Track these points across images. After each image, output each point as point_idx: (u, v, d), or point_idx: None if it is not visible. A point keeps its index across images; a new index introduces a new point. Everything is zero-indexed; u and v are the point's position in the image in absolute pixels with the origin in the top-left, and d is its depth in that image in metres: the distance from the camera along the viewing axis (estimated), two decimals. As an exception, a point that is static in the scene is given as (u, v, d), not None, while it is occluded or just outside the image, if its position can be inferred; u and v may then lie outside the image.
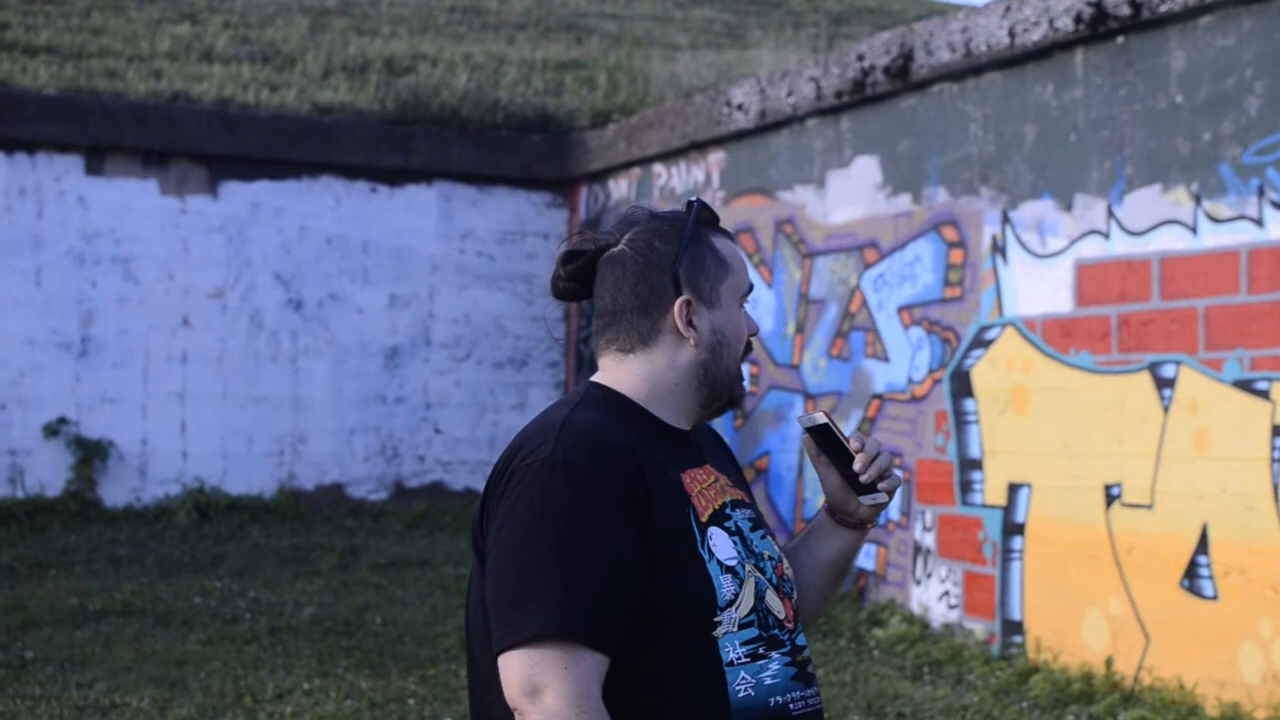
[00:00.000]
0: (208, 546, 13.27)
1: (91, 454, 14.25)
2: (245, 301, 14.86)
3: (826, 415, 3.15)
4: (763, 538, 3.08)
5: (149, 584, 11.75)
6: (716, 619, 2.89)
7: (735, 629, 2.91)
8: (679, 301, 3.04)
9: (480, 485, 15.26)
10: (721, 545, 2.95)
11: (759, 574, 2.99)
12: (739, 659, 2.90)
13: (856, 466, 3.10)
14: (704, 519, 2.96)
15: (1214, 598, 8.38)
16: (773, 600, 3.00)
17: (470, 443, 15.50)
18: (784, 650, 2.98)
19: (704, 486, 3.02)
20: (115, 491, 14.39)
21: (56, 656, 9.59)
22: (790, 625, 3.03)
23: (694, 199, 3.16)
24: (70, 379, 14.31)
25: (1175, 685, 8.50)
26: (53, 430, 14.18)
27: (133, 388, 14.51)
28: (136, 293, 14.53)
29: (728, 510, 3.02)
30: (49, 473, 14.19)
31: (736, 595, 2.92)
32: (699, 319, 3.05)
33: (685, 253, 3.06)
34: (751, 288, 3.15)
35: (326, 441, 15.11)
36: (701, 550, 2.91)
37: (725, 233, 3.15)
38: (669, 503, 2.92)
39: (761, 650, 2.94)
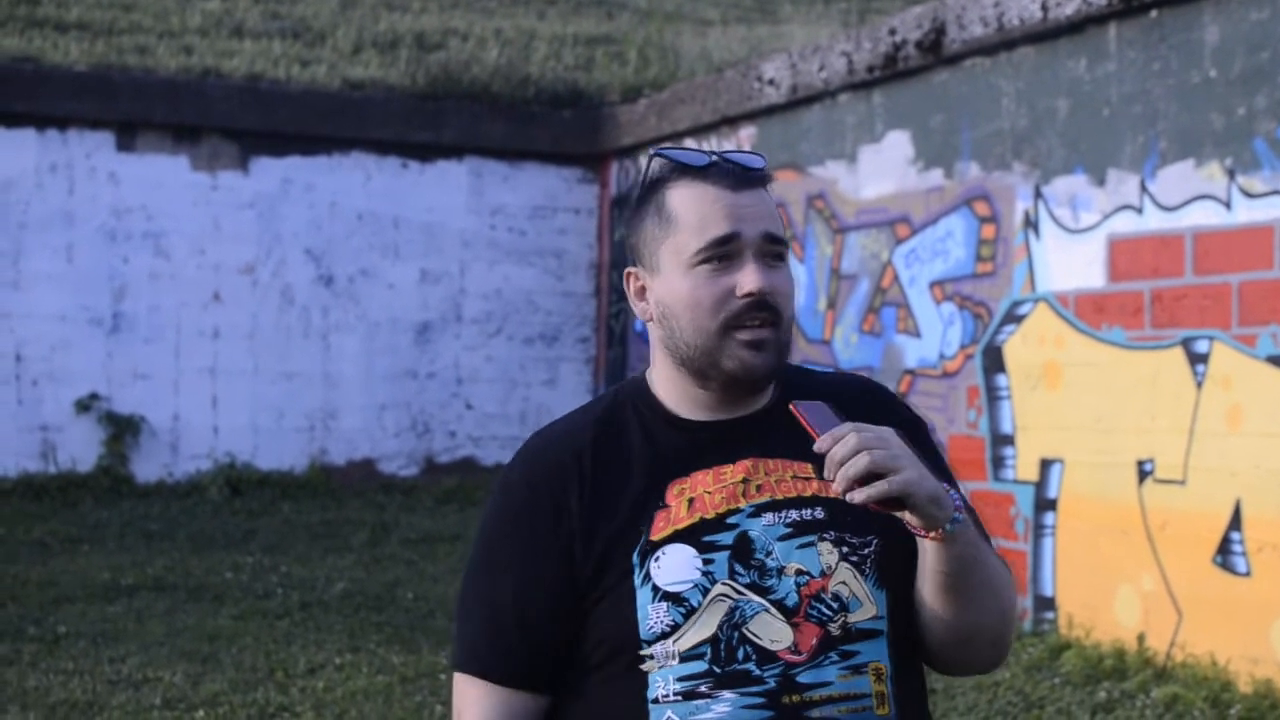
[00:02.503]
0: (239, 522, 13.31)
1: (123, 429, 14.29)
2: (276, 277, 14.88)
3: (792, 406, 2.59)
4: (802, 547, 2.61)
5: (180, 559, 11.78)
6: (643, 652, 2.56)
7: (674, 662, 2.55)
8: (625, 274, 2.79)
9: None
10: (670, 567, 2.58)
11: (750, 596, 2.57)
12: (666, 696, 2.55)
13: (825, 474, 2.47)
14: (658, 536, 2.60)
15: (1247, 574, 8.34)
16: (764, 627, 2.57)
17: (501, 418, 15.51)
18: (755, 689, 2.54)
19: (706, 490, 2.64)
20: (147, 467, 14.44)
21: (89, 631, 9.62)
22: (796, 657, 2.56)
23: (652, 149, 2.79)
24: (102, 355, 14.35)
25: (1208, 662, 8.47)
26: (84, 406, 14.22)
27: (164, 363, 14.54)
28: (168, 269, 14.55)
29: (735, 518, 2.62)
30: (81, 448, 14.23)
31: (676, 625, 2.55)
32: (650, 291, 2.73)
33: (632, 217, 2.78)
34: (719, 240, 2.63)
35: (357, 417, 15.13)
36: (636, 575, 2.59)
37: (717, 176, 2.68)
38: (609, 519, 2.63)
39: (704, 689, 2.54)
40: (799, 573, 2.58)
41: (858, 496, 2.41)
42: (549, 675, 2.65)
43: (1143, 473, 9.01)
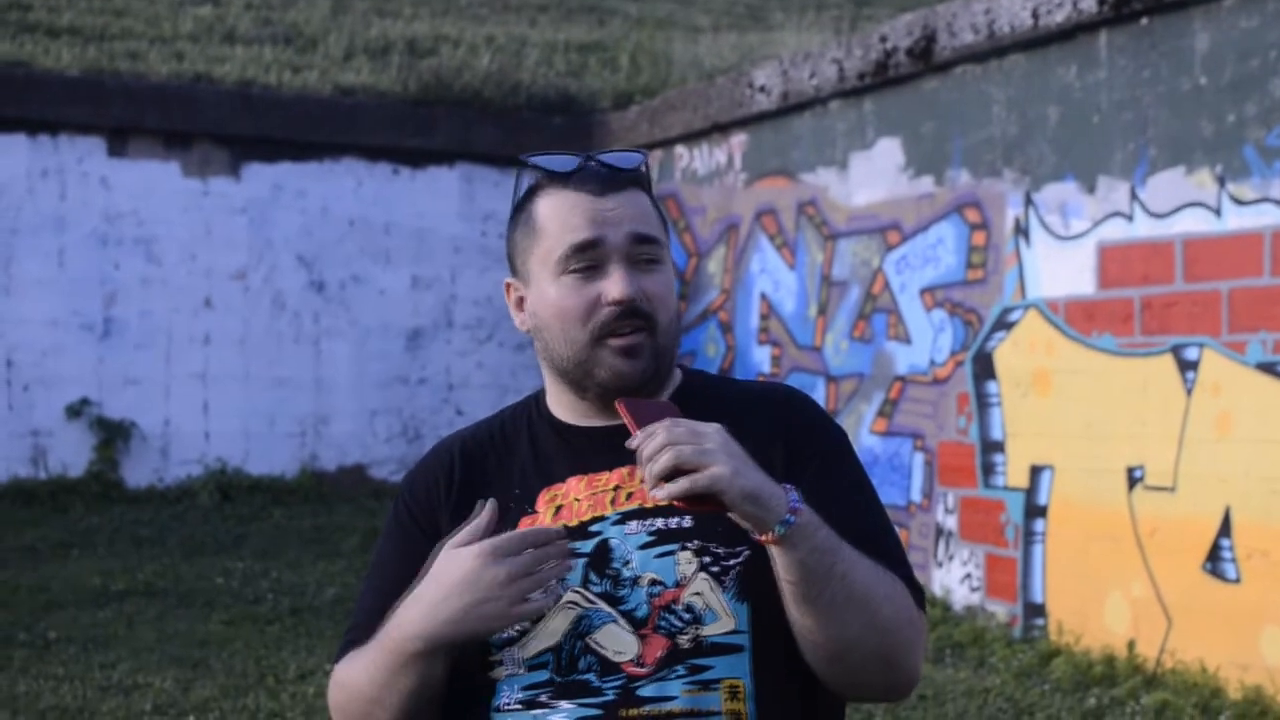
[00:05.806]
0: (230, 527, 13.30)
1: (114, 435, 14.27)
2: (267, 283, 14.87)
3: (618, 403, 2.51)
4: (660, 556, 2.51)
5: (171, 564, 11.78)
6: (493, 657, 2.53)
7: (522, 670, 2.51)
8: (505, 284, 2.79)
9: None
10: None
11: (600, 605, 2.50)
12: (509, 704, 2.52)
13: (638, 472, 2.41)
14: None
15: (1236, 580, 8.36)
16: (610, 637, 2.49)
17: (492, 424, 15.47)
18: (593, 700, 2.48)
19: (576, 498, 2.59)
20: (137, 472, 14.42)
21: (79, 637, 9.62)
22: (639, 669, 2.47)
23: (522, 156, 2.74)
24: (93, 360, 14.33)
25: (1197, 668, 8.48)
26: (75, 411, 14.21)
27: (155, 369, 14.53)
28: (159, 274, 14.54)
29: (598, 526, 2.55)
30: (71, 453, 14.22)
31: (524, 631, 2.50)
32: (526, 302, 2.72)
33: (508, 227, 2.76)
34: (580, 246, 2.59)
35: (348, 423, 15.13)
36: None
37: (581, 181, 2.64)
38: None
39: (544, 698, 2.49)
40: (653, 583, 2.50)
41: (660, 494, 2.32)
42: None
43: (1133, 479, 9.03)
